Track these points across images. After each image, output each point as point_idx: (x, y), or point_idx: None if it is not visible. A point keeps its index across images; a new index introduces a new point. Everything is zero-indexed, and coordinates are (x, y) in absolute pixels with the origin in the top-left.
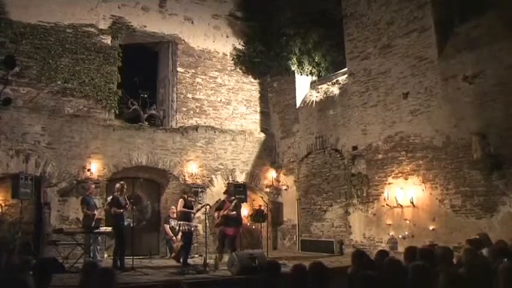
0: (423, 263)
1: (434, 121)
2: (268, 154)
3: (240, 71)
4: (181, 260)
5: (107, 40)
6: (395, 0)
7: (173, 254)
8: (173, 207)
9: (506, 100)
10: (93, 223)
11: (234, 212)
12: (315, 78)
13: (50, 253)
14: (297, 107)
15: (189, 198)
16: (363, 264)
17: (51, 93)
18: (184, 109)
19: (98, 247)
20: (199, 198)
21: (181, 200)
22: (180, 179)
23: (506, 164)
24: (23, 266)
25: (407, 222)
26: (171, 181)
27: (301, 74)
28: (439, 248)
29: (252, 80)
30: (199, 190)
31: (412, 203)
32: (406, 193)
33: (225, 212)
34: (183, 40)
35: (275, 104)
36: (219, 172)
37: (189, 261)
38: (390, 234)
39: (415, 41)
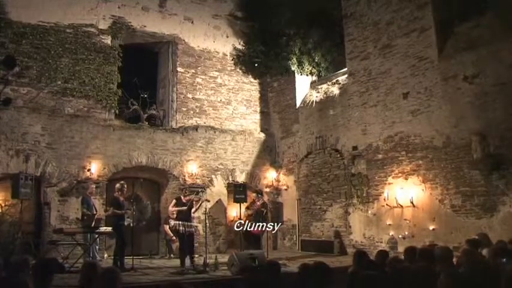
0: (427, 264)
1: (434, 121)
2: (268, 154)
3: (240, 71)
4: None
5: (107, 40)
6: (395, 0)
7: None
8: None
9: (506, 100)
10: (93, 223)
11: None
12: (315, 78)
13: (50, 253)
14: (297, 107)
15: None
16: (363, 264)
17: (51, 93)
18: (184, 109)
19: (98, 247)
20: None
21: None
22: (180, 179)
23: (506, 164)
24: (21, 265)
25: (407, 222)
26: (171, 181)
27: (301, 74)
28: (439, 248)
29: (252, 80)
30: (200, 190)
31: (412, 203)
32: (406, 193)
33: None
34: (183, 40)
35: (275, 104)
36: (219, 172)
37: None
38: (390, 234)
39: (415, 41)
